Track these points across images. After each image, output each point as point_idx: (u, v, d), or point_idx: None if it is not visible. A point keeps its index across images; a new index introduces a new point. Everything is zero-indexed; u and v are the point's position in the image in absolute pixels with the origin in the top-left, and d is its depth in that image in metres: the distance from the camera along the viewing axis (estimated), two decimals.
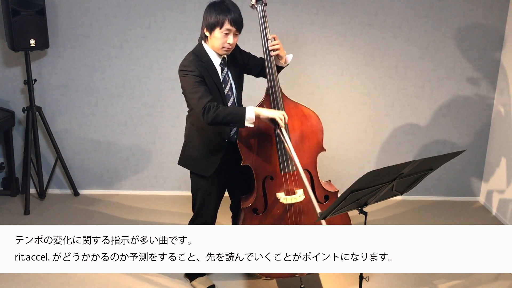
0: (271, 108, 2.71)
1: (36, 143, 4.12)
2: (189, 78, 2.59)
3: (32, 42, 3.82)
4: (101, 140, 4.30)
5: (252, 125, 2.57)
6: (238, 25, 2.59)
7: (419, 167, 2.27)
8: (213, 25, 2.58)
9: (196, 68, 2.60)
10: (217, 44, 2.62)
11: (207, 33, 2.63)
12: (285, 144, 2.59)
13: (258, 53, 2.90)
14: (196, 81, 2.58)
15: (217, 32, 2.58)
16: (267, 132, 2.74)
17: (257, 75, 2.93)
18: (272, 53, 2.73)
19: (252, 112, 2.54)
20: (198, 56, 2.66)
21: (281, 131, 2.59)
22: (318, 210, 2.34)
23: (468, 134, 4.25)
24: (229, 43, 2.61)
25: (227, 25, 2.56)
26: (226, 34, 2.59)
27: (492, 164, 4.18)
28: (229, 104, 2.76)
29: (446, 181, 4.36)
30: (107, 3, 4.00)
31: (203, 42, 2.70)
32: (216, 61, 2.70)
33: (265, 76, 2.78)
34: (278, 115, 2.56)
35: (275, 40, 2.74)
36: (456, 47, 4.07)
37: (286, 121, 2.62)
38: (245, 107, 2.56)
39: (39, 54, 4.10)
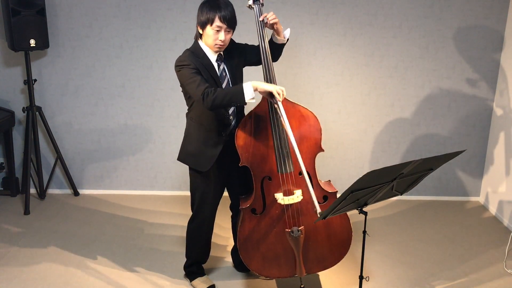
0: (268, 106, 2.71)
1: (36, 143, 4.12)
2: (185, 71, 2.62)
3: (32, 42, 3.82)
4: (101, 140, 4.30)
5: (253, 100, 2.56)
6: (228, 22, 2.61)
7: (419, 167, 2.27)
8: (204, 23, 2.62)
9: (191, 61, 2.63)
10: (209, 41, 2.65)
11: (200, 31, 2.68)
12: (281, 119, 2.57)
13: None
14: (192, 72, 2.61)
15: (209, 29, 2.61)
16: (264, 132, 2.74)
17: (257, 63, 2.90)
18: (272, 26, 2.72)
19: (250, 87, 2.53)
20: (194, 52, 2.69)
21: (277, 105, 2.58)
22: (318, 207, 2.37)
23: (468, 134, 4.25)
24: (220, 40, 2.63)
25: (217, 22, 2.58)
26: (217, 31, 2.61)
27: (492, 164, 4.18)
28: None
29: (446, 181, 4.36)
30: (107, 3, 4.00)
31: (198, 40, 2.73)
32: (212, 57, 2.72)
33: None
34: (276, 89, 2.55)
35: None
36: (456, 47, 4.07)
37: (285, 95, 2.59)
38: (243, 84, 2.56)
39: (39, 54, 4.10)
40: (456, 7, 3.98)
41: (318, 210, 2.40)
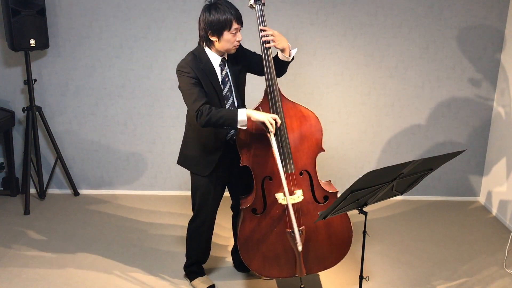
0: (270, 109, 2.71)
1: (36, 143, 4.12)
2: (185, 79, 2.62)
3: (32, 42, 3.82)
4: (101, 140, 4.30)
5: (245, 127, 2.59)
6: (241, 20, 2.64)
7: (419, 167, 2.28)
8: (221, 28, 2.57)
9: (192, 69, 2.61)
10: (228, 46, 2.63)
11: (214, 38, 2.62)
12: (272, 149, 2.59)
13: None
14: (191, 83, 2.61)
15: (227, 34, 2.59)
16: (265, 132, 2.74)
17: (260, 73, 2.87)
18: (266, 45, 2.69)
19: (243, 115, 2.56)
20: (197, 56, 2.67)
21: (269, 135, 2.59)
22: (286, 187, 2.57)
23: (468, 134, 4.25)
24: (238, 40, 2.65)
25: (235, 25, 2.59)
26: (235, 33, 2.61)
27: (492, 164, 4.18)
28: (228, 104, 2.76)
29: (446, 181, 4.36)
30: (107, 3, 4.00)
31: (204, 46, 2.69)
32: (216, 62, 2.70)
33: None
34: (268, 118, 2.55)
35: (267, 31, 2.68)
36: (456, 47, 4.07)
37: (278, 124, 2.61)
38: (237, 110, 2.57)
39: (39, 54, 4.10)
40: (456, 7, 3.98)
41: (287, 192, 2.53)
